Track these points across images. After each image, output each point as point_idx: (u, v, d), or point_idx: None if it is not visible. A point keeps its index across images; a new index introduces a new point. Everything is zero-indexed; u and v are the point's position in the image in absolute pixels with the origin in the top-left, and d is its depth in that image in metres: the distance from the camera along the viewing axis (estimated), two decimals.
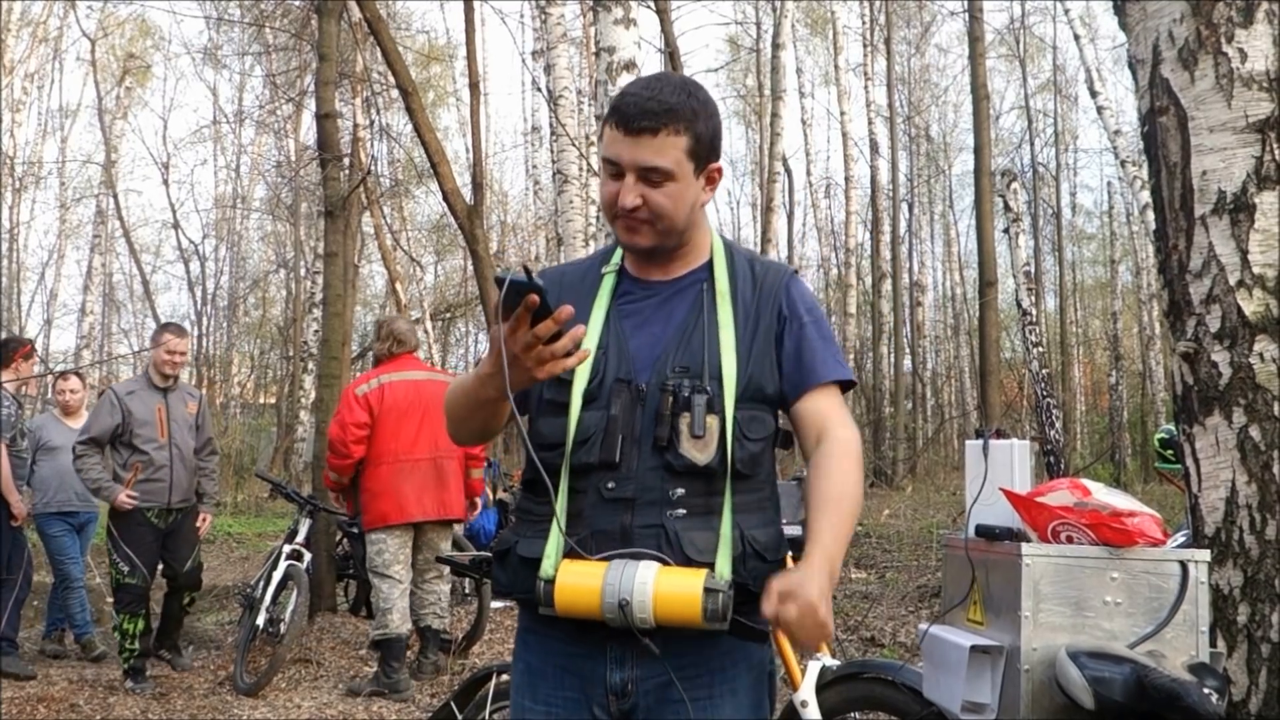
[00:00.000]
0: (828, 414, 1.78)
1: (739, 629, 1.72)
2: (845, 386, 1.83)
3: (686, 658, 1.74)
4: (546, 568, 1.70)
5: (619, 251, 1.90)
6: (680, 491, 1.72)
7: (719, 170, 1.82)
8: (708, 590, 1.64)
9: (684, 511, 1.72)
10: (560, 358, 1.57)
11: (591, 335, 1.79)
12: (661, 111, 1.70)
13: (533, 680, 1.83)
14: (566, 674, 1.79)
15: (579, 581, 1.67)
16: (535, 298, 1.49)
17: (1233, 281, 2.53)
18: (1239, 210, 2.54)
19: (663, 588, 1.64)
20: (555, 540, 1.72)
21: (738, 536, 1.72)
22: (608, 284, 1.86)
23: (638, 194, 1.72)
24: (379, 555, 5.69)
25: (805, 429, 1.80)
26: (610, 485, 1.72)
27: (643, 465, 1.72)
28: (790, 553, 1.82)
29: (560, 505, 1.73)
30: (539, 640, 1.84)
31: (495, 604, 7.18)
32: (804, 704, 3.23)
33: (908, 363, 24.13)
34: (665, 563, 1.67)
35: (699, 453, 1.71)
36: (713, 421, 1.72)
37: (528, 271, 1.49)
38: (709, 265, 1.86)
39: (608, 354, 1.78)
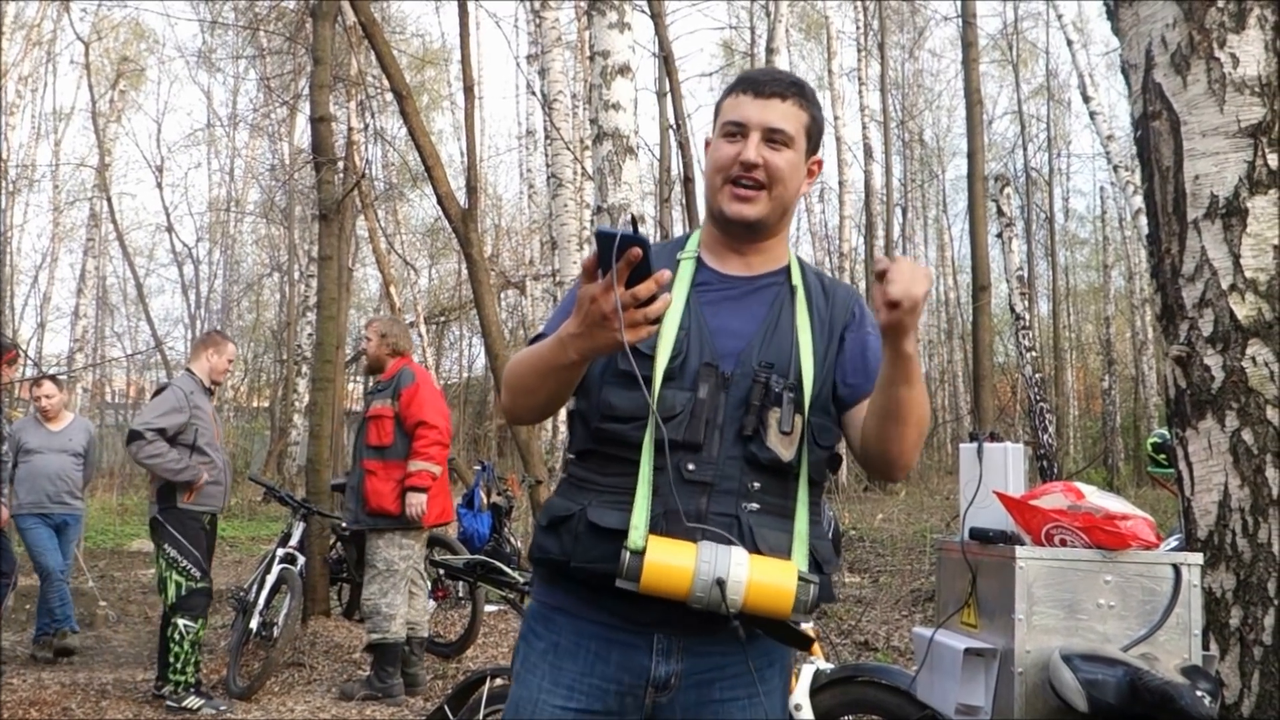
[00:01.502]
0: None
1: (788, 633, 1.72)
2: None
3: (731, 658, 1.75)
4: (635, 539, 1.65)
5: (695, 238, 1.91)
6: (757, 485, 1.72)
7: (819, 164, 1.90)
8: (802, 580, 1.64)
9: (758, 506, 1.72)
10: (651, 323, 1.51)
11: (672, 315, 1.77)
12: (791, 83, 1.83)
13: (558, 661, 1.77)
14: (599, 660, 1.75)
15: (671, 559, 1.63)
16: (639, 251, 1.44)
17: (1225, 285, 2.54)
18: (1231, 214, 2.55)
19: (757, 574, 1.63)
20: (642, 512, 1.68)
21: (808, 544, 1.73)
22: (686, 269, 1.85)
23: (760, 153, 1.78)
24: (405, 560, 5.68)
25: (861, 425, 1.77)
26: (690, 467, 1.71)
27: (724, 453, 1.72)
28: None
29: (645, 478, 1.70)
30: (572, 622, 1.78)
31: (489, 607, 7.19)
32: (798, 707, 3.23)
33: None
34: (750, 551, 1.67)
35: (785, 449, 1.72)
36: (799, 421, 1.74)
37: (634, 222, 1.45)
38: (787, 270, 1.89)
39: (689, 336, 1.77)
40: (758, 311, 1.82)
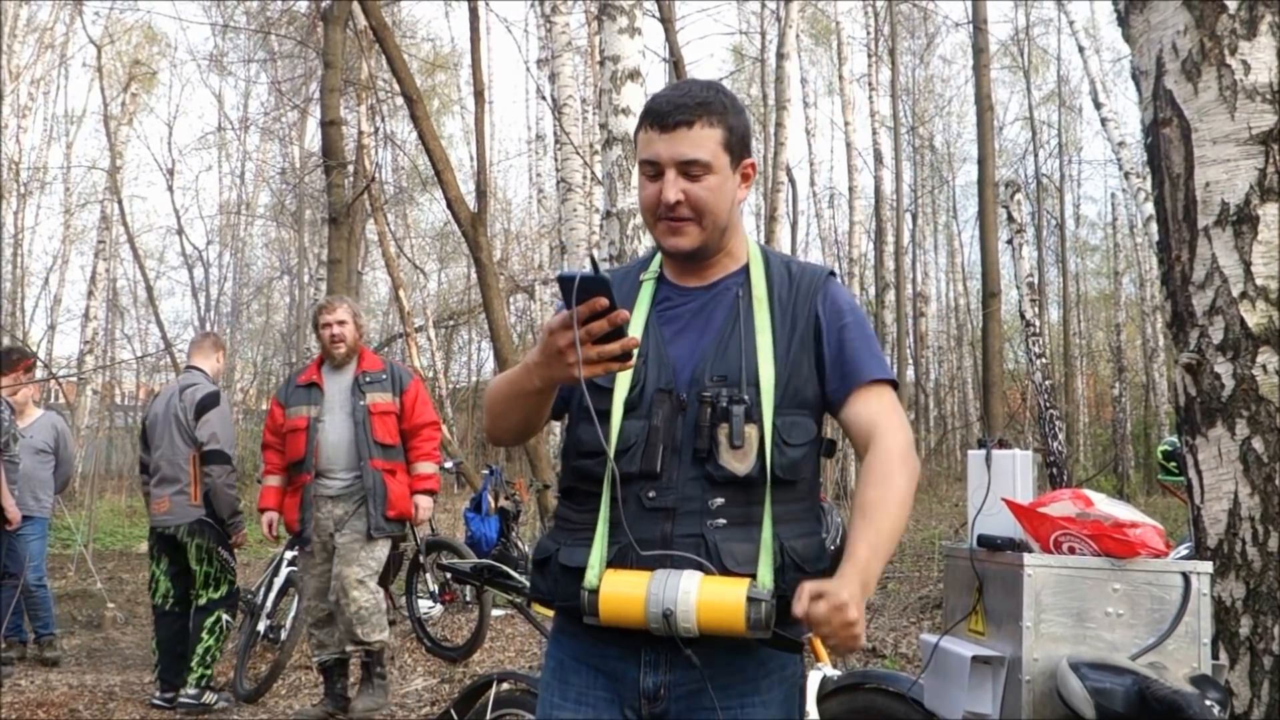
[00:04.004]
0: (875, 419, 1.76)
1: (776, 640, 1.72)
2: (891, 386, 1.81)
3: (720, 667, 1.74)
4: (591, 578, 1.70)
5: (658, 258, 1.92)
6: (720, 501, 1.72)
7: (752, 166, 1.85)
8: (751, 600, 1.64)
9: (724, 521, 1.71)
10: (607, 361, 1.55)
11: None
12: (694, 105, 1.74)
13: (564, 677, 1.83)
14: (599, 674, 1.79)
15: (623, 591, 1.67)
16: (604, 301, 1.49)
17: (1235, 293, 2.53)
18: (1242, 222, 2.54)
19: (706, 596, 1.64)
20: (599, 549, 1.72)
21: (778, 548, 1.71)
22: (647, 291, 1.87)
23: (679, 189, 1.74)
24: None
25: (855, 435, 1.78)
26: (651, 495, 1.72)
27: (683, 475, 1.73)
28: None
29: (603, 513, 1.74)
30: (572, 640, 1.84)
31: (496, 611, 7.18)
32: (805, 714, 3.22)
33: (911, 373, 24.10)
34: (708, 571, 1.67)
35: (738, 463, 1.71)
36: (751, 431, 1.72)
37: (594, 264, 1.48)
38: (745, 270, 1.86)
39: (647, 362, 1.78)
40: (715, 321, 1.81)
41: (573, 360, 1.53)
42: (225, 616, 5.53)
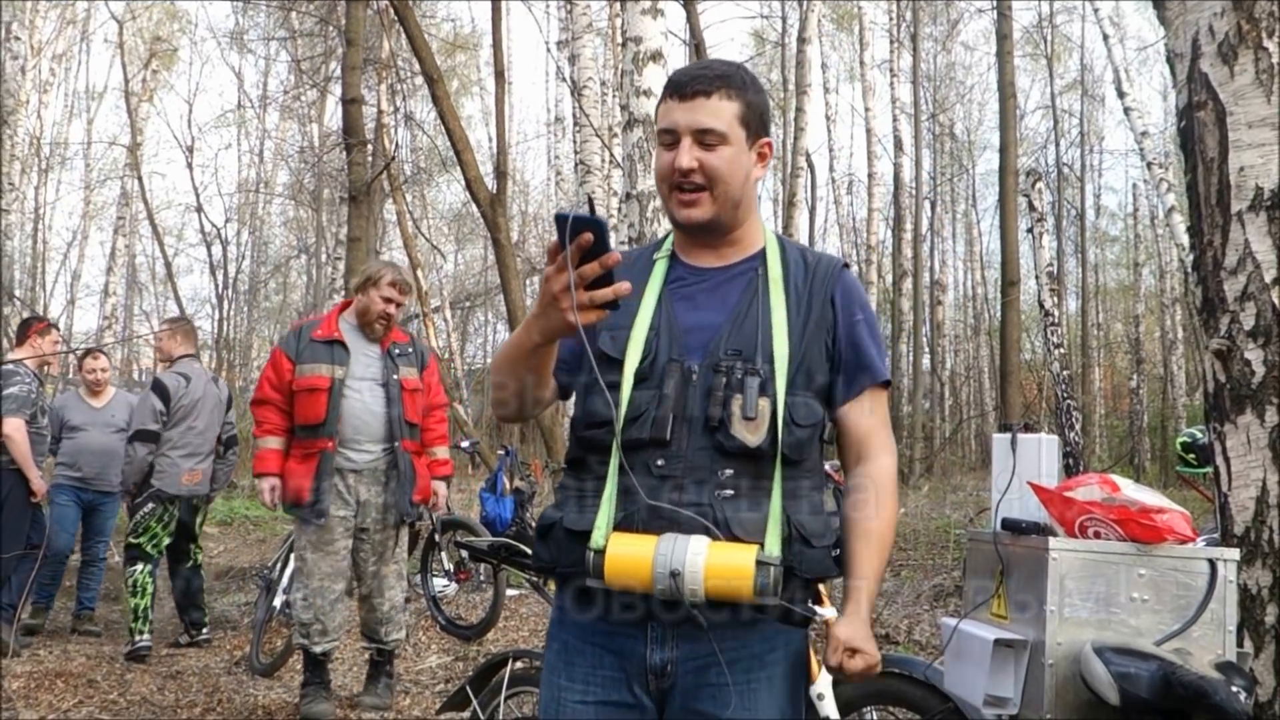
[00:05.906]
0: (873, 432, 1.84)
1: (783, 613, 1.73)
2: (886, 387, 1.88)
3: (728, 643, 1.75)
4: (597, 538, 1.71)
5: (671, 238, 1.94)
6: (729, 472, 1.73)
7: (769, 145, 1.87)
8: (760, 564, 1.65)
9: (731, 492, 1.73)
10: (598, 307, 1.55)
11: (643, 316, 1.81)
12: (713, 77, 1.80)
13: (570, 658, 1.83)
14: (605, 652, 1.79)
15: (630, 552, 1.67)
16: (589, 236, 1.48)
17: (1268, 279, 2.50)
18: (1276, 207, 2.51)
19: (714, 560, 1.65)
20: (606, 513, 1.73)
21: (785, 520, 1.73)
22: (660, 268, 1.88)
23: (694, 156, 1.77)
24: None
25: (849, 440, 1.85)
26: (660, 463, 1.73)
27: (693, 445, 1.74)
28: None
29: (611, 478, 1.74)
30: (577, 619, 1.83)
31: (510, 591, 7.20)
32: (820, 697, 3.21)
33: (927, 361, 24.04)
34: (715, 538, 1.68)
35: (750, 434, 1.73)
36: (764, 404, 1.74)
37: (591, 205, 1.49)
38: (762, 253, 1.89)
39: (659, 334, 1.80)
40: (729, 300, 1.83)
41: (567, 305, 1.54)
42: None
